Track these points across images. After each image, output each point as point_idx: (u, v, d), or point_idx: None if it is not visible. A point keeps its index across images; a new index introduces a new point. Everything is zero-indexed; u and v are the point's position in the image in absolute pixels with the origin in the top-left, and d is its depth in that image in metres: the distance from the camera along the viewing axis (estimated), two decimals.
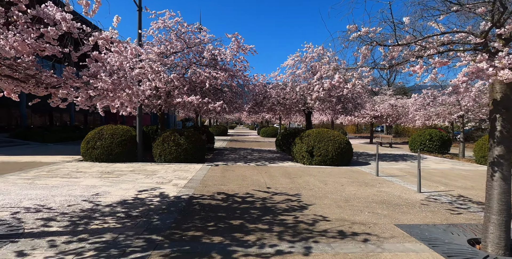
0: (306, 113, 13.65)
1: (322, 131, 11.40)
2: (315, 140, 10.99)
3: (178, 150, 10.57)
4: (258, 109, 13.50)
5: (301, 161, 11.22)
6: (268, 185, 7.17)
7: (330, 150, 10.70)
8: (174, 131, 11.10)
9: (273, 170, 9.60)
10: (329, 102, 12.44)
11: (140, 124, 10.96)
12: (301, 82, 13.31)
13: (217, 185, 7.09)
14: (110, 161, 10.43)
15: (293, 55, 13.48)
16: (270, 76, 13.78)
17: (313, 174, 8.89)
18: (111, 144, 10.42)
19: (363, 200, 5.96)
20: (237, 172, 9.07)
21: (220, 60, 11.81)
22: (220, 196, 5.99)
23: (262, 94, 13.71)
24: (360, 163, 11.83)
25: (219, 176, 8.29)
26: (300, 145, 11.26)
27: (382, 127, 63.35)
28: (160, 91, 10.86)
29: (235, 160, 11.91)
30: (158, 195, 5.92)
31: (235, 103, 12.09)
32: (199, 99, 10.32)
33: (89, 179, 7.36)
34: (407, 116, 23.42)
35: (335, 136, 11.18)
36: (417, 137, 17.46)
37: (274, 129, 32.28)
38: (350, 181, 7.92)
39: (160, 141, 10.78)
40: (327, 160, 10.73)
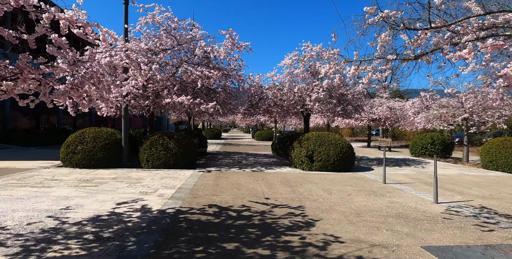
0: (305, 115, 12.91)
1: (322, 134, 10.65)
2: (315, 144, 10.22)
3: (167, 155, 9.72)
4: (253, 111, 12.72)
5: (300, 166, 10.44)
6: (267, 195, 6.36)
7: (331, 155, 9.94)
8: (163, 134, 10.25)
9: (270, 176, 8.80)
10: (329, 104, 11.71)
11: (126, 127, 10.08)
12: (299, 83, 12.57)
13: (209, 195, 6.26)
14: (92, 167, 9.53)
15: (290, 54, 12.76)
16: (266, 76, 13.04)
17: (314, 182, 8.10)
18: (93, 148, 9.53)
19: (376, 213, 5.19)
20: (231, 179, 8.25)
21: (213, 58, 11.01)
22: (211, 210, 5.16)
23: (258, 95, 12.94)
24: (362, 169, 11.09)
25: (211, 184, 7.46)
26: (299, 149, 10.49)
27: (378, 130, 63.04)
28: (148, 91, 10.01)
29: (229, 165, 11.08)
30: (139, 209, 5.07)
31: (229, 104, 11.30)
32: (190, 100, 9.50)
33: (62, 189, 6.47)
34: (406, 119, 22.85)
35: (337, 139, 10.44)
36: (418, 140, 16.83)
37: (269, 132, 31.52)
38: (356, 190, 7.15)
39: (148, 145, 9.91)
40: (328, 166, 9.97)
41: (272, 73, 12.98)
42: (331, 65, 4.49)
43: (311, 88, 11.80)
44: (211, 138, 31.54)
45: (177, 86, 10.18)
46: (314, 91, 11.43)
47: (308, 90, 11.84)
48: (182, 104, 10.05)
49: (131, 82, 9.24)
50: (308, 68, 12.26)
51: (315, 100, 11.41)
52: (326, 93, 11.40)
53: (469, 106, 13.67)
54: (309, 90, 11.81)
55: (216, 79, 10.53)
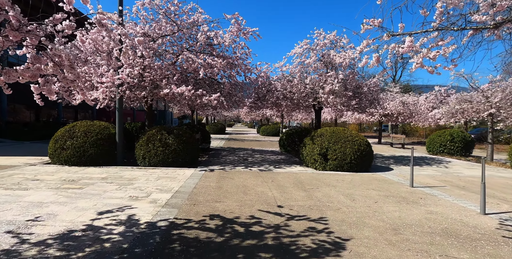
0: (316, 109, 11.86)
1: (337, 130, 9.61)
2: (329, 141, 9.20)
3: (166, 152, 8.76)
4: (261, 105, 11.68)
5: (313, 165, 9.43)
6: (279, 202, 5.37)
7: (348, 153, 8.92)
8: (162, 128, 9.28)
9: (281, 177, 7.81)
10: (344, 97, 10.65)
11: (120, 121, 9.12)
12: (310, 74, 11.51)
13: (211, 201, 5.29)
14: (82, 164, 8.60)
15: (301, 43, 11.67)
16: (274, 67, 11.97)
17: (332, 184, 7.10)
18: (84, 143, 8.59)
19: (418, 229, 4.18)
20: (237, 180, 7.27)
21: (217, 45, 9.96)
22: (213, 223, 4.19)
23: (265, 87, 11.90)
24: (380, 168, 10.06)
25: (213, 186, 6.48)
26: (311, 146, 9.47)
27: (386, 126, 61.64)
28: (145, 81, 9.01)
29: (233, 163, 10.10)
30: (124, 221, 4.11)
31: (234, 96, 10.28)
32: (191, 91, 8.50)
33: (40, 192, 5.53)
34: (420, 114, 21.69)
35: (353, 136, 9.40)
36: (436, 137, 15.71)
37: (275, 127, 30.48)
38: (382, 195, 6.14)
39: (144, 140, 8.95)
40: (345, 165, 8.95)
41: (281, 63, 11.91)
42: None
43: (324, 80, 10.73)
44: (215, 133, 30.61)
45: (177, 75, 9.17)
46: (328, 83, 10.37)
47: (321, 81, 10.78)
48: (182, 95, 9.06)
49: (125, 70, 8.25)
50: (321, 58, 11.18)
51: (329, 93, 10.35)
52: (341, 85, 10.33)
53: (496, 101, 12.51)
54: (322, 82, 10.75)
55: (220, 69, 9.51)
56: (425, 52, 2.93)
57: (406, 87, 39.30)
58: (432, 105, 22.04)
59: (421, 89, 39.17)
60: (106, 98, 9.55)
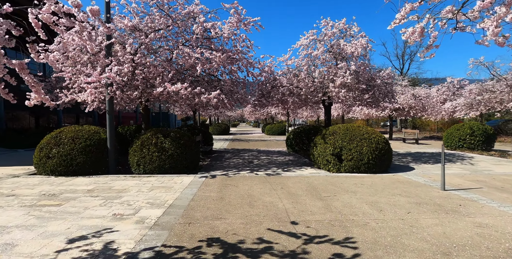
0: (326, 105, 10.90)
1: (351, 127, 8.67)
2: (343, 139, 8.26)
3: (162, 157, 7.89)
4: (265, 102, 10.77)
5: (325, 167, 8.50)
6: (292, 216, 4.46)
7: (365, 152, 7.97)
8: (157, 131, 8.41)
9: (291, 183, 6.89)
10: (357, 90, 9.69)
11: (111, 124, 8.27)
12: (318, 67, 10.57)
13: (210, 218, 4.39)
14: (70, 174, 7.77)
15: (307, 34, 10.73)
16: (279, 60, 11.03)
17: (350, 189, 6.17)
18: (71, 151, 7.75)
19: (475, 252, 3.24)
20: (241, 187, 6.37)
21: (216, 38, 9.05)
22: (211, 251, 3.29)
23: (270, 83, 10.98)
24: (400, 168, 9.10)
25: (214, 197, 5.59)
26: (323, 145, 8.54)
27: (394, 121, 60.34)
28: (137, 79, 8.14)
29: (238, 167, 9.21)
30: (98, 253, 3.23)
31: (236, 93, 9.38)
32: (187, 89, 7.63)
33: (9, 212, 4.69)
34: (433, 108, 20.61)
35: (370, 133, 8.45)
36: (454, 131, 14.64)
37: (280, 126, 29.53)
38: (413, 202, 5.20)
39: (138, 145, 8.10)
40: (361, 166, 8.01)
41: (286, 56, 10.97)
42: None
43: (334, 72, 9.78)
44: (218, 134, 29.76)
45: (173, 73, 8.28)
46: (339, 75, 9.42)
47: (331, 74, 9.83)
48: (178, 95, 8.19)
49: (113, 68, 7.39)
50: (330, 49, 10.23)
51: (341, 86, 9.41)
52: (353, 77, 9.38)
53: None
54: (332, 74, 9.80)
55: (219, 64, 8.61)
56: (503, 12, 2.00)
57: (415, 80, 38.07)
58: (446, 97, 20.94)
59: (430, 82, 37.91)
60: (95, 100, 8.71)
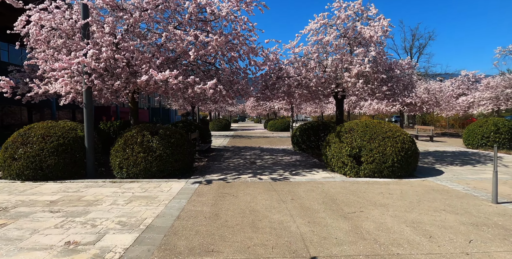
0: (339, 98, 9.60)
1: (371, 124, 7.40)
2: (362, 138, 7.00)
3: (148, 158, 6.67)
4: (270, 95, 9.48)
5: (341, 170, 7.26)
6: (312, 248, 3.22)
7: (388, 154, 6.72)
8: (144, 128, 7.18)
9: (303, 191, 5.65)
10: (375, 80, 8.40)
11: (90, 120, 7.03)
12: (330, 54, 9.26)
13: (197, 251, 3.16)
14: (40, 179, 6.56)
15: (317, 17, 9.39)
16: (285, 48, 9.70)
17: (378, 201, 4.92)
18: (40, 151, 6.53)
19: None
20: (242, 198, 5.14)
21: (212, 19, 7.75)
22: None
23: (275, 73, 9.69)
24: (426, 171, 7.85)
25: (207, 213, 4.36)
26: (338, 145, 7.29)
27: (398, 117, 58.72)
28: (120, 66, 6.85)
29: (238, 170, 7.98)
30: None
31: (236, 84, 8.10)
32: (178, 78, 6.37)
33: None
34: (448, 102, 19.27)
35: (394, 131, 7.19)
36: (476, 128, 13.34)
37: (283, 122, 28.21)
38: (468, 223, 3.95)
39: (121, 144, 6.87)
40: (384, 169, 6.76)
41: (293, 43, 9.63)
42: None
43: (349, 60, 8.48)
44: (219, 130, 28.52)
45: (161, 59, 7.01)
46: (355, 63, 8.12)
47: (346, 62, 8.53)
48: (168, 85, 6.94)
49: (88, 51, 6.12)
50: (344, 34, 8.91)
51: (358, 76, 8.12)
52: (372, 66, 8.09)
53: None
54: (347, 63, 8.50)
55: (217, 49, 7.33)
56: None
57: (424, 75, 36.60)
58: (462, 91, 19.61)
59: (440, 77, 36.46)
60: (71, 92, 7.47)
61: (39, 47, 7.48)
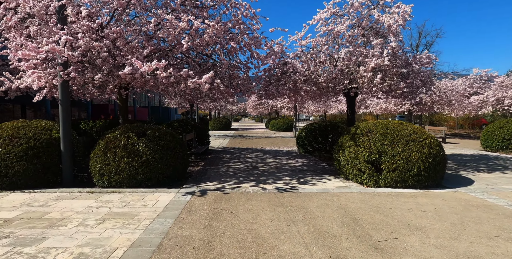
0: (351, 96, 8.60)
1: (391, 125, 6.42)
2: (383, 141, 6.02)
3: (133, 164, 5.70)
4: (275, 92, 8.47)
5: (356, 178, 6.28)
6: None
7: (414, 160, 5.74)
8: (130, 128, 6.21)
9: (315, 206, 4.68)
10: (395, 76, 7.41)
11: (67, 119, 6.06)
12: (341, 47, 8.28)
13: None
14: (6, 188, 5.60)
15: (328, 5, 8.40)
16: (291, 40, 8.71)
17: (412, 222, 3.95)
18: (6, 155, 5.57)
19: None
20: (242, 217, 4.17)
21: (210, 5, 6.77)
22: None
23: (280, 68, 8.70)
24: (452, 179, 6.88)
25: (198, 240, 3.39)
26: (354, 149, 6.31)
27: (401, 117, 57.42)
28: (100, 56, 5.88)
29: (238, 176, 7.01)
30: None
31: (236, 78, 7.11)
32: (168, 70, 5.41)
33: None
34: (460, 102, 18.26)
35: (419, 133, 6.20)
36: (496, 129, 12.33)
37: (286, 121, 27.21)
38: None
39: (102, 147, 5.91)
40: (409, 179, 5.79)
41: (300, 34, 8.62)
42: None
43: (365, 53, 7.50)
44: (219, 129, 27.56)
45: (150, 49, 6.03)
46: (373, 56, 7.14)
47: (361, 55, 7.55)
48: (158, 79, 5.97)
49: (61, 37, 5.14)
50: (358, 23, 7.92)
51: (375, 71, 7.14)
52: (391, 58, 7.10)
53: None
54: (362, 55, 7.51)
55: (214, 39, 6.35)
56: None
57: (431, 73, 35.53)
58: (476, 90, 18.60)
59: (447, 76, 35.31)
60: (46, 86, 6.49)
61: (11, 36, 6.52)
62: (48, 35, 5.72)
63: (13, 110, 23.76)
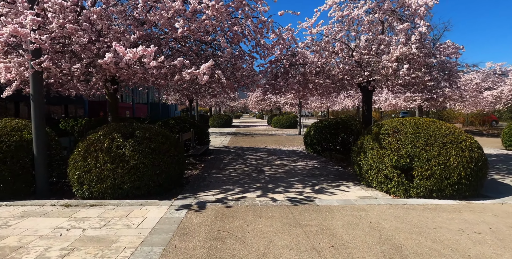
0: (369, 89, 7.61)
1: (422, 123, 5.47)
2: (414, 143, 5.08)
3: (118, 171, 4.78)
4: (283, 85, 7.50)
5: (382, 185, 5.35)
6: None
7: (453, 166, 4.81)
8: (115, 127, 5.28)
9: (341, 227, 3.75)
10: (423, 67, 6.46)
11: (39, 117, 5.13)
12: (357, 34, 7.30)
13: None
14: None
15: None
16: (301, 27, 7.71)
17: (470, 252, 3.03)
18: None
19: None
20: (251, 246, 3.25)
21: None
22: None
23: (288, 59, 7.73)
24: (490, 186, 5.95)
25: None
26: (379, 152, 5.37)
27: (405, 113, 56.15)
28: (77, 41, 4.93)
29: (242, 183, 6.09)
30: None
31: (239, 69, 6.15)
32: (159, 58, 4.47)
33: None
34: (475, 97, 17.29)
35: (456, 133, 5.26)
36: None
37: (289, 118, 26.22)
38: None
39: (81, 151, 4.98)
40: (447, 187, 4.86)
41: (311, 21, 7.61)
42: None
43: (387, 40, 6.53)
44: (219, 126, 26.62)
45: (138, 34, 5.09)
46: (397, 43, 6.17)
47: (382, 43, 6.57)
48: (148, 70, 5.03)
49: (26, 17, 4.19)
50: (378, 7, 6.93)
51: (401, 60, 6.18)
52: (419, 46, 6.14)
53: None
54: (384, 44, 6.54)
55: (215, 23, 5.41)
56: None
57: None
58: (491, 85, 17.62)
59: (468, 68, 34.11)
60: (16, 79, 5.54)
61: None
62: (14, 16, 4.78)
63: (7, 107, 22.77)
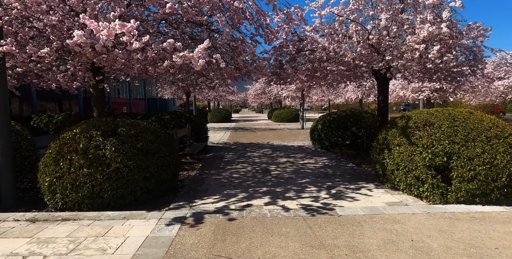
0: (387, 77, 6.72)
1: (458, 115, 4.63)
2: (452, 138, 4.25)
3: (97, 177, 3.95)
4: (292, 72, 6.62)
5: (411, 188, 4.53)
6: None
7: (501, 165, 3.99)
8: (94, 124, 4.43)
9: (376, 247, 2.93)
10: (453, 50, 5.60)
11: (3, 113, 4.28)
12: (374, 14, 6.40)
13: None
14: None
15: None
16: (309, 9, 6.79)
17: None
18: None
19: None
20: None
21: None
22: None
23: (295, 45, 6.84)
24: None
25: None
26: (408, 149, 4.53)
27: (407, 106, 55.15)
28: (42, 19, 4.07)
29: (246, 187, 5.26)
30: None
31: (240, 54, 5.28)
32: (143, 39, 3.60)
33: None
34: (487, 88, 16.45)
35: (501, 126, 4.43)
36: None
37: (290, 111, 25.36)
38: None
39: (52, 153, 4.14)
40: (493, 191, 4.04)
41: (320, 2, 6.72)
42: None
43: (411, 19, 5.65)
44: (218, 121, 25.76)
45: (119, 12, 4.20)
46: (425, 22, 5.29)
47: (405, 23, 5.69)
48: (131, 55, 4.16)
49: None
50: None
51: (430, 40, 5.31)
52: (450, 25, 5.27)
53: None
54: (406, 23, 5.65)
55: None
56: None
57: None
58: (504, 75, 16.76)
59: None
60: None
61: None
62: None
63: None
